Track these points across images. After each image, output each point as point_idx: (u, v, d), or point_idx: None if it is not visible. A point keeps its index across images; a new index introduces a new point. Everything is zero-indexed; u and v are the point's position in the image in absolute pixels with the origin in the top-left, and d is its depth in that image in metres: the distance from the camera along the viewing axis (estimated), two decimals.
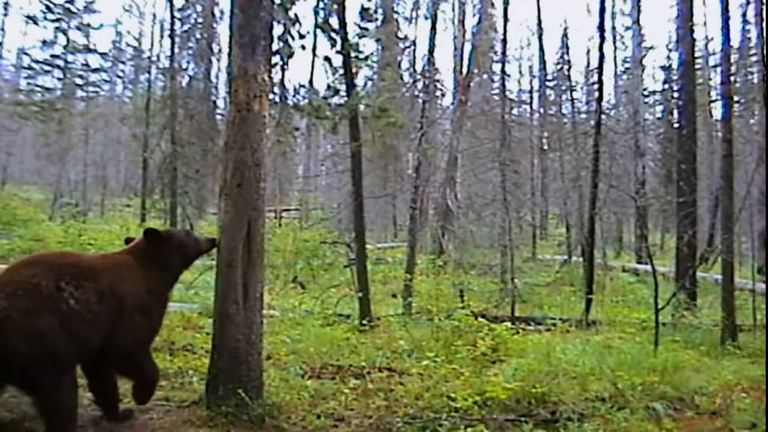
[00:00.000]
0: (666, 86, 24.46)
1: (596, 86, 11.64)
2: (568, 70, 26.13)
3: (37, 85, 21.79)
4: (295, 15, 7.70)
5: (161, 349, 5.47)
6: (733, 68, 13.84)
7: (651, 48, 24.98)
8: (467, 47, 16.38)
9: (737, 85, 17.25)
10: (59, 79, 22.24)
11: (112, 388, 3.63)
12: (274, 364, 4.93)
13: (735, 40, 17.84)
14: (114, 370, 3.57)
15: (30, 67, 22.03)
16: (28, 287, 3.01)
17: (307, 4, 11.65)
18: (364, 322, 7.43)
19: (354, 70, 8.17)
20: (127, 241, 3.84)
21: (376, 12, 14.33)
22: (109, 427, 3.54)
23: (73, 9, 21.10)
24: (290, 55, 7.89)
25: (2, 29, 28.43)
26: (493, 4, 18.47)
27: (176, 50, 17.60)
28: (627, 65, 24.50)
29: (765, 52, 8.36)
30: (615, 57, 24.73)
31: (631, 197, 14.73)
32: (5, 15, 26.39)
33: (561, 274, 14.66)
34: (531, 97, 29.50)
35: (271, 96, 5.40)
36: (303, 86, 9.28)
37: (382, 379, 4.74)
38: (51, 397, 3.06)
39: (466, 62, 16.15)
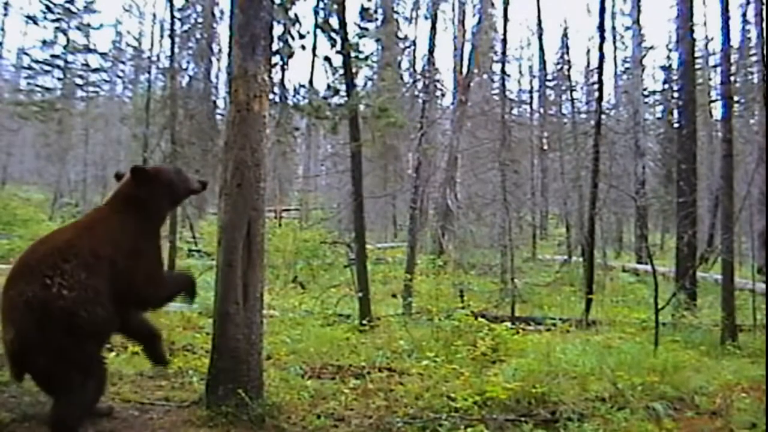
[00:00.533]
0: (666, 86, 24.45)
1: (596, 86, 11.65)
2: (568, 70, 26.15)
3: (37, 85, 21.82)
4: (295, 15, 7.72)
5: None
6: (733, 68, 13.85)
7: (651, 48, 24.98)
8: (467, 47, 16.39)
9: (737, 85, 17.23)
10: (59, 79, 22.26)
11: (149, 333, 3.65)
12: (274, 364, 4.93)
13: (735, 40, 17.85)
14: (146, 312, 3.59)
15: (30, 67, 22.06)
16: (22, 308, 2.96)
17: (307, 4, 11.69)
18: (364, 322, 7.44)
19: (354, 70, 8.19)
20: (118, 176, 3.64)
21: (376, 12, 14.33)
22: (109, 426, 3.54)
23: (73, 9, 21.12)
24: (290, 55, 7.90)
25: (2, 29, 28.42)
26: (493, 4, 18.48)
27: (176, 50, 17.56)
28: (627, 65, 24.49)
29: (765, 52, 8.36)
30: (615, 57, 24.75)
31: (631, 197, 14.74)
32: (5, 15, 26.38)
33: (561, 274, 14.66)
34: (531, 97, 29.50)
35: (271, 96, 5.41)
36: (303, 86, 9.32)
37: (382, 379, 4.74)
38: (70, 393, 3.06)
39: (466, 62, 16.15)
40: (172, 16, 17.54)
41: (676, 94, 17.19)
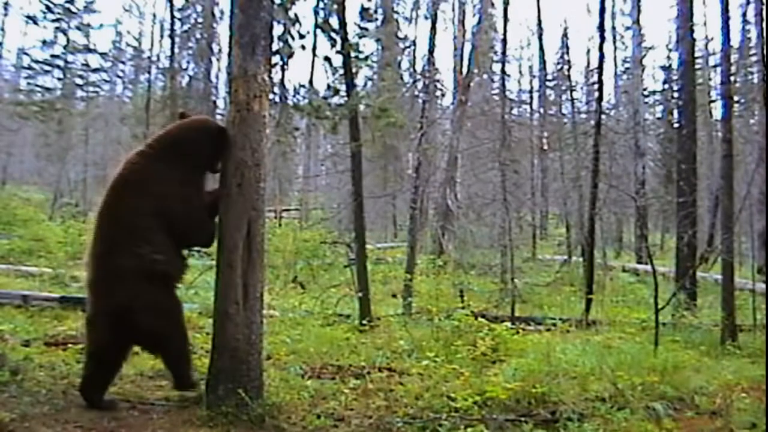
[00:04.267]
0: (666, 86, 24.46)
1: (596, 86, 11.64)
2: (568, 70, 26.14)
3: (37, 85, 21.82)
4: (295, 15, 7.69)
5: None
6: (733, 68, 13.83)
7: (651, 48, 24.99)
8: (467, 47, 16.37)
9: (737, 85, 17.21)
10: (59, 79, 22.26)
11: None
12: (274, 364, 4.93)
13: (735, 40, 17.79)
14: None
15: (30, 67, 22.06)
16: (129, 278, 3.60)
17: (307, 4, 11.58)
18: (364, 322, 7.43)
19: (354, 70, 8.17)
20: (182, 115, 4.20)
21: (376, 12, 14.35)
22: (109, 426, 3.54)
23: (73, 9, 21.10)
24: (290, 55, 7.88)
25: (2, 29, 28.33)
26: (493, 4, 18.48)
27: (176, 50, 17.62)
28: (627, 65, 24.48)
29: (765, 52, 8.36)
30: (615, 57, 24.72)
31: (631, 197, 14.70)
32: (5, 15, 26.30)
33: (561, 274, 14.64)
34: (531, 97, 29.46)
35: (271, 96, 5.40)
36: (303, 86, 9.32)
37: (382, 379, 4.73)
38: (177, 347, 3.90)
39: (466, 62, 16.15)
40: (172, 16, 17.60)
41: (676, 94, 17.20)
